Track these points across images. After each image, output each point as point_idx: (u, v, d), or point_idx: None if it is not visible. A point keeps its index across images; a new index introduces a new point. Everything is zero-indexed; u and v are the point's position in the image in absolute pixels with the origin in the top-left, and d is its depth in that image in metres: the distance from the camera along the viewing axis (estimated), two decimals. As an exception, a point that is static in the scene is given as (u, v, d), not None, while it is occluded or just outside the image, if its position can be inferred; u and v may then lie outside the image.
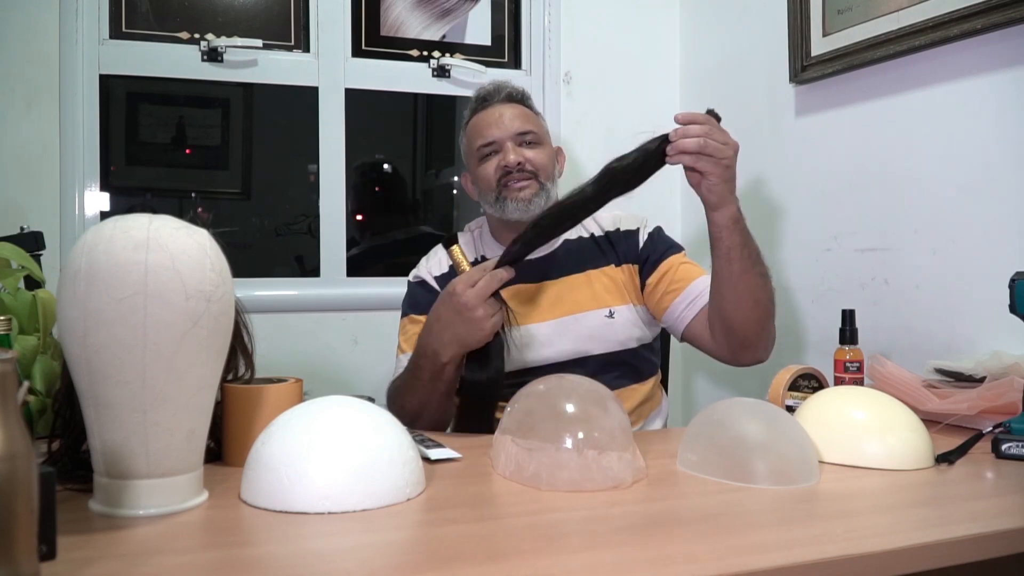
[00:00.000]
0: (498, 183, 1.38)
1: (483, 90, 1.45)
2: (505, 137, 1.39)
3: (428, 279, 1.44)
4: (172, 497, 0.75)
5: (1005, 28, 1.29)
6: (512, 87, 1.45)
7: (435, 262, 1.47)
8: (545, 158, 1.41)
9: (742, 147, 1.20)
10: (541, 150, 1.41)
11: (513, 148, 1.38)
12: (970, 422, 1.11)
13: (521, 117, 1.41)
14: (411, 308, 1.44)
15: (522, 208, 1.37)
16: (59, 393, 0.85)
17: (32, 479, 0.53)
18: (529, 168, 1.38)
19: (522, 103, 1.45)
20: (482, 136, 1.41)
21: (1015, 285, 1.01)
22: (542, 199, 1.38)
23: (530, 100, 1.47)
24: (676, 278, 1.39)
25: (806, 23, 1.69)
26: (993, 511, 0.80)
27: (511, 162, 1.37)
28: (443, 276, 1.43)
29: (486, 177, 1.40)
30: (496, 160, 1.39)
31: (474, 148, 1.43)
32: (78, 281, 0.71)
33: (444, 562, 0.64)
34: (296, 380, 0.96)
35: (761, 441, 0.90)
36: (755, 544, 0.69)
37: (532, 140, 1.40)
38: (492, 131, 1.40)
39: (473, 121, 1.45)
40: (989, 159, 1.35)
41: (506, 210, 1.38)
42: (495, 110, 1.42)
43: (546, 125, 1.48)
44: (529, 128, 1.41)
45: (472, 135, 1.44)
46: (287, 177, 2.52)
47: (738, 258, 1.23)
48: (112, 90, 1.94)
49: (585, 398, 0.91)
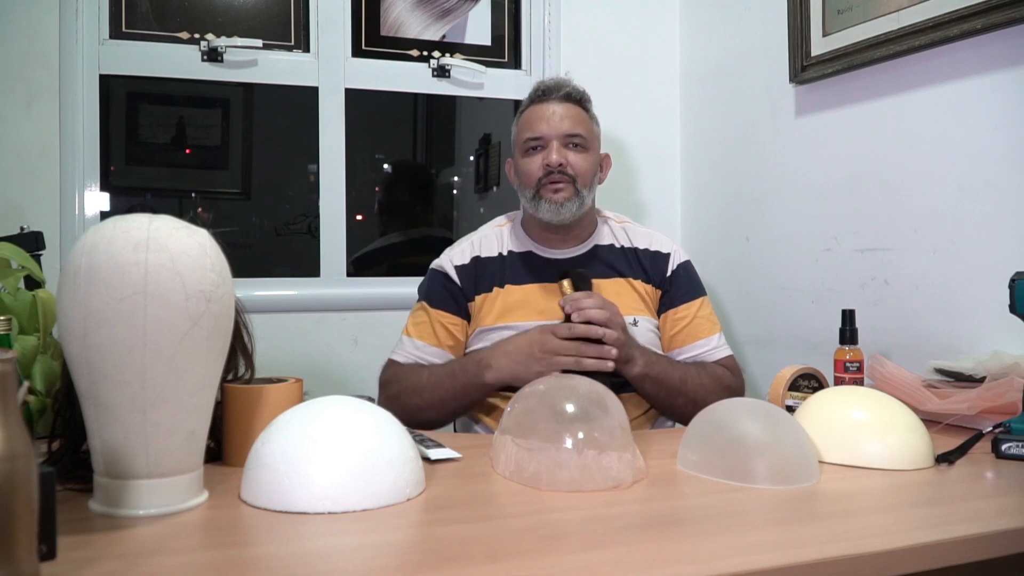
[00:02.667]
0: (538, 181, 1.40)
1: (544, 84, 1.46)
2: (553, 136, 1.40)
3: (450, 270, 1.46)
4: (172, 497, 0.75)
5: (1005, 28, 1.29)
6: (573, 87, 1.45)
7: (458, 252, 1.48)
8: (588, 164, 1.41)
9: (742, 147, 1.20)
10: (586, 156, 1.42)
11: (558, 148, 1.39)
12: (970, 422, 1.11)
13: (573, 118, 1.42)
14: (426, 297, 1.47)
15: (553, 210, 1.39)
16: (59, 393, 0.85)
17: (32, 479, 0.53)
18: (569, 172, 1.39)
19: (579, 104, 1.45)
20: (531, 129, 1.42)
21: (1015, 285, 1.01)
22: (575, 204, 1.40)
23: (589, 103, 1.47)
24: (690, 330, 1.44)
25: (806, 23, 1.69)
26: (993, 511, 0.80)
27: (553, 161, 1.38)
28: (463, 267, 1.45)
29: (529, 172, 1.42)
30: (540, 157, 1.41)
31: (522, 139, 1.44)
32: (78, 281, 0.71)
33: (444, 562, 0.64)
34: (296, 380, 0.96)
35: (761, 441, 0.90)
36: (755, 544, 0.69)
37: (579, 144, 1.41)
38: (541, 127, 1.41)
39: (527, 112, 1.45)
40: (989, 159, 1.35)
41: (539, 209, 1.40)
42: (550, 106, 1.42)
43: (599, 130, 1.49)
44: (579, 131, 1.41)
45: (523, 125, 1.45)
46: (287, 177, 2.52)
47: (654, 399, 1.36)
48: (112, 90, 1.94)
49: (585, 398, 0.91)
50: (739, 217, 1.97)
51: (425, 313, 1.44)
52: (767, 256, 1.88)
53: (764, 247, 1.89)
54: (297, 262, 2.32)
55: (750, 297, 1.93)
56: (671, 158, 2.21)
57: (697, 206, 2.16)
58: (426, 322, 1.44)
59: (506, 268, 1.45)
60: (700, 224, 2.14)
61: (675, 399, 1.33)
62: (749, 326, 1.92)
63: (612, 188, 2.13)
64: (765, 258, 1.88)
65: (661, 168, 2.20)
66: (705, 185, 2.12)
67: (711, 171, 2.09)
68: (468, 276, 1.44)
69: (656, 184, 2.20)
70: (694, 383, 1.34)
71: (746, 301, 1.94)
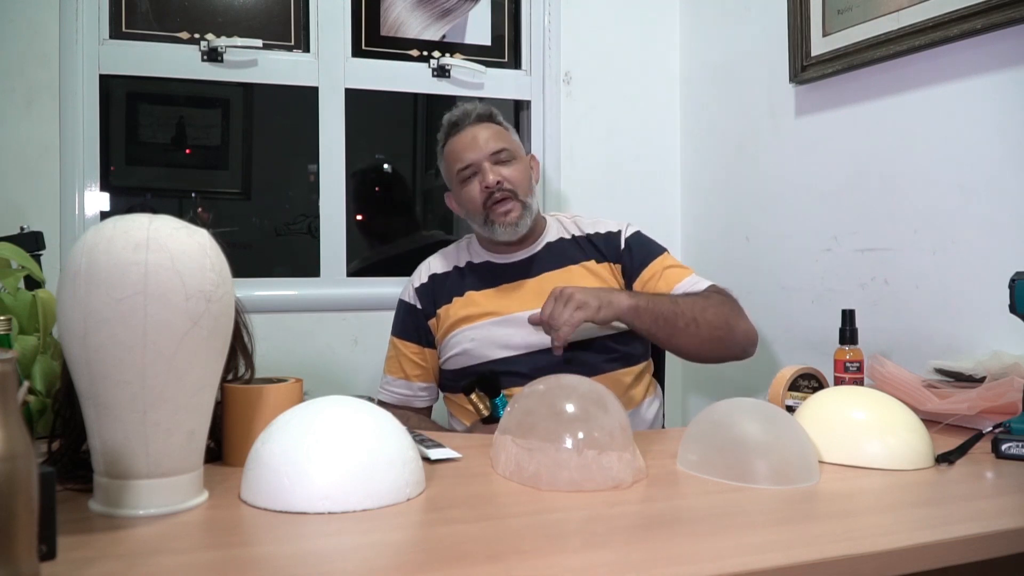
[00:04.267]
0: (484, 206, 1.44)
1: (453, 115, 1.50)
2: (481, 158, 1.44)
3: (411, 296, 1.53)
4: (172, 497, 0.75)
5: (1005, 28, 1.29)
6: (480, 107, 1.50)
7: (416, 276, 1.55)
8: (520, 174, 1.46)
9: (742, 147, 1.21)
10: (516, 165, 1.46)
11: (490, 168, 1.43)
12: (970, 422, 1.11)
13: (493, 136, 1.46)
14: (395, 330, 1.55)
15: (510, 231, 1.44)
16: (59, 393, 0.85)
17: (32, 479, 0.53)
18: (507, 187, 1.43)
19: (491, 121, 1.49)
20: (460, 160, 1.46)
21: (1015, 285, 1.01)
22: (526, 217, 1.45)
23: (498, 117, 1.52)
24: (664, 281, 1.45)
25: (806, 23, 1.69)
26: (993, 511, 0.80)
27: (490, 182, 1.42)
28: (422, 287, 1.52)
29: (472, 200, 1.45)
30: (476, 182, 1.44)
31: (454, 172, 1.48)
32: (78, 281, 0.71)
33: (444, 562, 0.64)
34: (296, 380, 0.96)
35: (761, 441, 0.90)
36: (755, 544, 0.69)
37: (506, 157, 1.45)
38: (468, 154, 1.45)
39: (448, 146, 1.49)
40: (989, 159, 1.35)
41: (495, 233, 1.45)
42: (468, 133, 1.47)
43: (516, 137, 1.53)
44: (502, 146, 1.45)
45: (450, 160, 1.49)
46: (287, 177, 2.52)
47: (658, 331, 1.32)
48: (112, 90, 1.94)
49: (585, 398, 0.91)
50: (739, 217, 1.97)
51: (393, 347, 1.53)
52: (767, 256, 1.88)
53: (764, 247, 1.89)
54: (297, 262, 2.32)
55: (750, 297, 1.92)
56: (671, 158, 2.21)
57: (697, 206, 2.16)
58: (394, 356, 1.52)
59: (465, 278, 1.50)
60: (700, 224, 2.14)
61: (676, 323, 1.31)
62: (749, 326, 1.92)
63: (612, 188, 2.14)
64: (765, 258, 1.88)
65: (661, 168, 2.20)
66: (705, 185, 2.12)
67: (711, 171, 2.09)
68: (427, 294, 1.51)
69: (656, 184, 2.20)
70: (687, 303, 1.34)
71: (746, 301, 1.93)
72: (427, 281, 1.52)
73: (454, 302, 1.48)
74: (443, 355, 1.48)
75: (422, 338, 1.50)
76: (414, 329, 1.50)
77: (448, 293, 1.49)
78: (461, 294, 1.48)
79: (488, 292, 1.48)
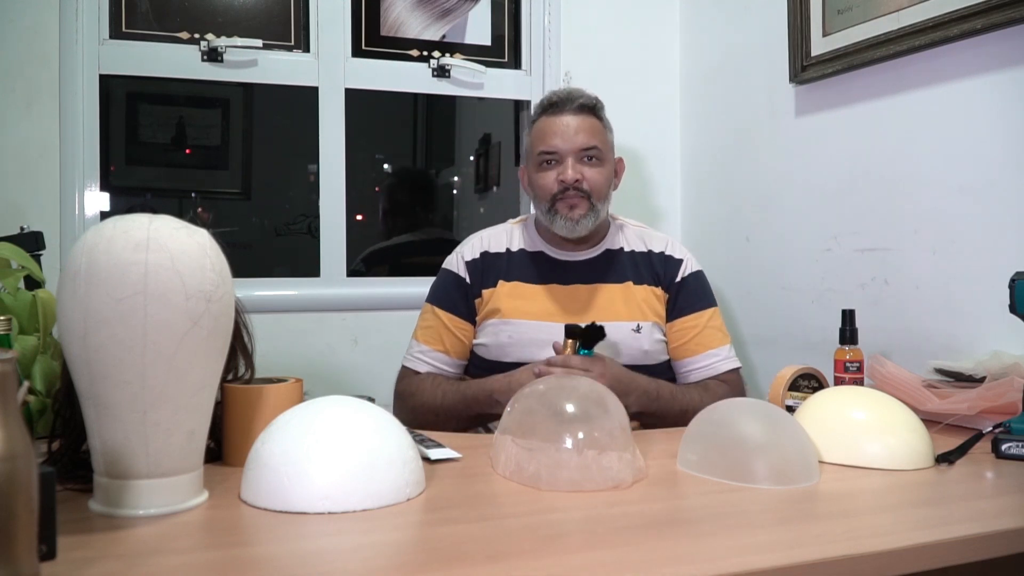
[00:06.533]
0: (553, 196, 1.40)
1: (556, 94, 1.44)
2: (568, 151, 1.39)
3: (460, 268, 1.47)
4: (172, 497, 0.75)
5: (1005, 28, 1.29)
6: (586, 96, 1.44)
7: (468, 248, 1.50)
8: (602, 178, 1.41)
9: (742, 147, 1.21)
10: (601, 168, 1.41)
11: (573, 164, 1.38)
12: (970, 422, 1.11)
13: (588, 131, 1.40)
14: (435, 299, 1.48)
15: (569, 227, 1.40)
16: (59, 393, 0.85)
17: (32, 479, 0.53)
18: (585, 187, 1.39)
19: (593, 114, 1.43)
20: (545, 143, 1.41)
21: (1015, 285, 1.01)
22: (591, 220, 1.40)
23: (602, 110, 1.46)
24: (700, 340, 1.44)
25: (806, 23, 1.69)
26: (993, 511, 0.80)
27: (568, 178, 1.37)
28: (473, 262, 1.47)
29: (543, 187, 1.41)
30: (555, 172, 1.40)
31: (535, 151, 1.43)
32: (78, 281, 0.71)
33: (444, 562, 0.64)
34: (296, 380, 0.96)
35: (761, 441, 0.90)
36: (755, 544, 0.69)
37: (595, 156, 1.40)
38: (555, 141, 1.40)
39: (540, 123, 1.44)
40: (989, 159, 1.35)
41: (555, 224, 1.40)
42: (563, 118, 1.40)
43: (612, 136, 1.48)
44: (594, 143, 1.40)
45: (536, 137, 1.44)
46: (287, 177, 2.53)
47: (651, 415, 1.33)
48: (112, 90, 1.94)
49: (585, 398, 0.91)
50: (739, 217, 1.97)
51: (434, 316, 1.45)
52: (767, 256, 1.88)
53: (764, 247, 1.89)
54: (297, 262, 2.33)
55: (750, 297, 1.93)
56: (671, 158, 2.21)
57: (697, 206, 2.16)
58: (433, 327, 1.45)
59: (513, 264, 1.46)
60: (700, 224, 2.14)
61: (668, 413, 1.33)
62: (749, 326, 1.93)
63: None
64: (765, 258, 1.88)
65: (661, 168, 2.20)
66: (705, 185, 2.12)
67: (711, 171, 2.09)
68: (476, 271, 1.46)
69: (656, 184, 2.20)
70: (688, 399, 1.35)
71: (746, 301, 1.94)
72: (478, 257, 1.46)
73: (500, 286, 1.43)
74: (478, 336, 1.44)
75: (469, 312, 1.45)
76: (463, 301, 1.44)
77: (495, 276, 1.44)
78: (508, 280, 1.43)
79: (537, 289, 1.43)
